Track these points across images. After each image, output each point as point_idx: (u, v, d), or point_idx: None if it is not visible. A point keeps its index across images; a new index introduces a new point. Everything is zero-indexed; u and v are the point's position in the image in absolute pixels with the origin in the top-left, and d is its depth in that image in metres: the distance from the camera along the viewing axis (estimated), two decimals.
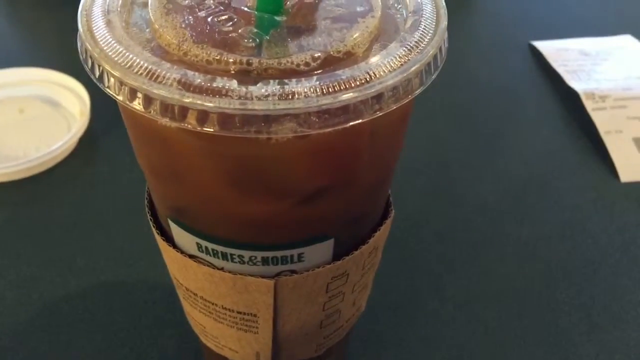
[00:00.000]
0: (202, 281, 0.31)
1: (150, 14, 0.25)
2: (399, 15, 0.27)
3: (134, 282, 0.44)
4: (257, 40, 0.24)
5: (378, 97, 0.22)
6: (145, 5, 0.26)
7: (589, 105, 0.54)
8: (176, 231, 0.30)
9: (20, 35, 0.63)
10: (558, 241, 0.48)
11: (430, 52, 0.24)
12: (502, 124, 0.54)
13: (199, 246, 0.29)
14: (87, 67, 0.23)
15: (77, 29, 0.24)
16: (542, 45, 0.63)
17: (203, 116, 0.21)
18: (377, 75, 0.23)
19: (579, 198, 0.50)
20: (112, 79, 0.22)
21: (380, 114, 0.23)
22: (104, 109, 0.48)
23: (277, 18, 0.25)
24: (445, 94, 0.45)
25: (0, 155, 0.46)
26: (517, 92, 0.58)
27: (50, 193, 0.46)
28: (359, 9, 0.28)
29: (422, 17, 0.26)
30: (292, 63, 0.23)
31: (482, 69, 0.60)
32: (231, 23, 0.25)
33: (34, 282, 0.43)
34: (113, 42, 0.23)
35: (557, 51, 0.62)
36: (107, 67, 0.22)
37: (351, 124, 0.22)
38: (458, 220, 0.49)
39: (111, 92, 0.23)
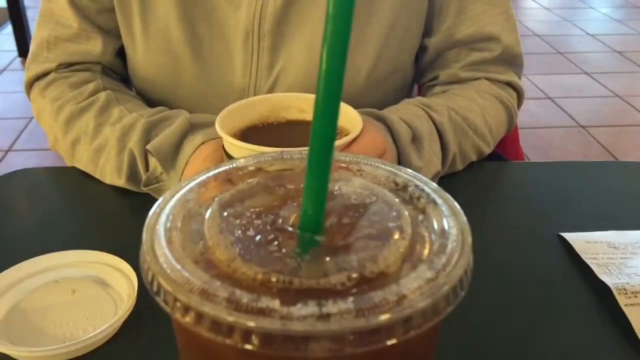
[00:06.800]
0: None
1: (206, 231, 0.29)
2: (427, 233, 0.30)
3: None
4: (299, 259, 0.27)
5: (409, 318, 0.24)
6: (202, 221, 0.30)
7: (621, 300, 0.55)
8: None
9: (78, 218, 0.69)
10: None
11: (457, 275, 0.26)
12: (533, 316, 0.55)
13: None
14: (147, 280, 0.26)
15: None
16: (571, 237, 0.65)
17: (247, 335, 0.23)
18: (408, 298, 0.25)
19: None
20: (167, 295, 0.25)
21: (412, 334, 0.24)
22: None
23: (317, 238, 0.28)
24: (476, 286, 0.46)
25: (48, 334, 0.48)
26: (548, 284, 0.59)
27: None
28: (390, 225, 0.31)
29: (448, 239, 0.28)
30: (329, 283, 0.26)
31: (512, 259, 0.62)
32: (276, 242, 0.28)
33: None
34: (172, 260, 0.26)
35: (586, 243, 0.64)
36: (164, 284, 0.25)
37: (383, 344, 0.24)
38: None
39: (166, 307, 0.25)
